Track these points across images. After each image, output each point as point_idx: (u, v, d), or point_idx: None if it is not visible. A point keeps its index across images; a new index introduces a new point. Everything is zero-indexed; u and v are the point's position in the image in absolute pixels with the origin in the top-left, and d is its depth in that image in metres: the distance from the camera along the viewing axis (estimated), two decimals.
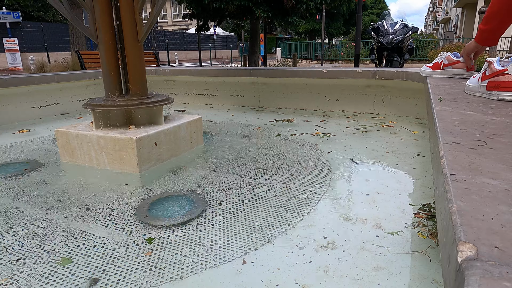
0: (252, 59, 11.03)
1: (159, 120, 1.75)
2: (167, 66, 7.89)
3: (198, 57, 16.33)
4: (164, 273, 0.88)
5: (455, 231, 0.38)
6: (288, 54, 20.39)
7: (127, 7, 1.62)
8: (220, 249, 0.98)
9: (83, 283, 0.85)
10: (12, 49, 14.45)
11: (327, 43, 20.03)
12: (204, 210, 1.21)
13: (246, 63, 11.91)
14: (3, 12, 14.71)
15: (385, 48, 6.00)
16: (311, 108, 3.07)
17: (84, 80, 3.29)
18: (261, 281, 0.84)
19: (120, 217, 1.17)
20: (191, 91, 3.59)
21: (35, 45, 15.99)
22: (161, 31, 26.04)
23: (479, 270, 0.32)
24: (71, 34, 9.97)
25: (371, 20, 24.68)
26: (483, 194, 0.46)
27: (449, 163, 0.56)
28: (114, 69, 1.70)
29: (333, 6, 10.45)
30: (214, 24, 11.03)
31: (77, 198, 1.33)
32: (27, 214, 1.20)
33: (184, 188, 1.41)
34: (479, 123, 0.80)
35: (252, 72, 3.21)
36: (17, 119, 2.77)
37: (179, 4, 10.15)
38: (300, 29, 26.55)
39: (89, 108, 1.64)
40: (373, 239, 1.00)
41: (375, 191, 1.33)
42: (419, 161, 1.67)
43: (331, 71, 2.87)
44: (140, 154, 1.52)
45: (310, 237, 1.02)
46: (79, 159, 1.68)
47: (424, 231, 1.03)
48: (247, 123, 2.61)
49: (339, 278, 0.84)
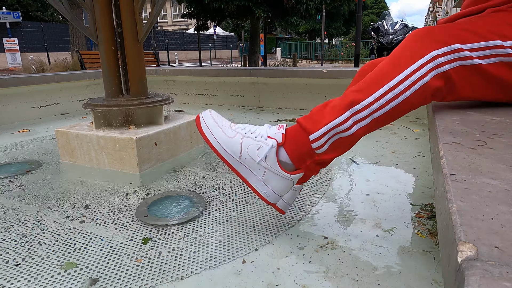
0: (252, 59, 11.04)
1: (159, 120, 1.75)
2: (167, 66, 7.89)
3: (198, 57, 16.33)
4: (164, 273, 0.88)
5: (455, 231, 0.38)
6: (288, 54, 20.41)
7: (127, 7, 1.61)
8: (220, 249, 0.98)
9: (83, 283, 0.85)
10: (12, 49, 14.46)
11: (327, 43, 20.04)
12: (204, 210, 1.21)
13: (246, 63, 11.91)
14: (3, 12, 14.71)
15: (385, 48, 6.01)
16: (311, 108, 3.06)
17: (84, 80, 3.29)
18: (261, 281, 0.84)
19: (120, 217, 1.17)
20: (191, 91, 3.59)
21: (35, 45, 16.00)
22: (161, 31, 26.06)
23: (479, 270, 0.32)
24: (71, 34, 9.98)
25: (371, 20, 24.68)
26: (483, 194, 0.46)
27: (449, 163, 0.56)
28: (114, 69, 1.70)
29: (333, 6, 10.46)
30: (214, 24, 11.03)
31: (77, 198, 1.33)
32: (27, 213, 1.20)
33: (184, 188, 1.41)
34: (479, 123, 0.80)
35: (252, 72, 3.21)
36: (17, 119, 2.77)
37: (179, 4, 10.16)
38: (300, 29, 26.56)
39: (89, 108, 1.64)
40: (373, 239, 1.00)
41: (375, 191, 1.33)
42: (419, 161, 1.67)
43: (331, 71, 2.87)
44: (140, 154, 1.52)
45: (310, 237, 1.02)
46: (79, 159, 1.68)
47: (424, 231, 1.03)
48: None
49: (339, 278, 0.84)
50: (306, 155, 0.86)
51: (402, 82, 0.78)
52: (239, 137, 0.87)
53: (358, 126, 0.82)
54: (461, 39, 0.79)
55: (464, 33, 0.80)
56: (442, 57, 0.78)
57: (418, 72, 0.78)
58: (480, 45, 0.79)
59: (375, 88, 0.79)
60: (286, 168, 0.87)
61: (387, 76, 0.79)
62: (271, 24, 11.80)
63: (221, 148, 0.87)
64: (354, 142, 0.87)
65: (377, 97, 0.79)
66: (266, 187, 0.88)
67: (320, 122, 0.83)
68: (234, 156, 0.87)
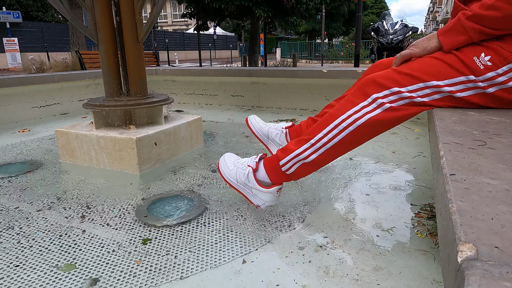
0: (252, 59, 11.04)
1: (159, 120, 1.75)
2: (167, 66, 7.89)
3: (198, 57, 16.33)
4: (164, 273, 0.88)
5: (455, 231, 0.38)
6: (288, 54, 20.40)
7: (127, 7, 1.62)
8: (220, 249, 0.98)
9: (83, 283, 0.85)
10: (12, 49, 14.45)
11: (327, 43, 20.04)
12: (204, 210, 1.21)
13: (246, 63, 11.91)
14: (3, 12, 14.71)
15: (385, 48, 6.01)
16: (311, 108, 3.07)
17: (84, 80, 3.29)
18: (261, 281, 0.84)
19: (120, 217, 1.17)
20: (191, 91, 3.59)
21: (35, 45, 15.99)
22: (161, 31, 26.05)
23: (479, 270, 0.32)
24: (71, 34, 9.98)
25: (371, 20, 24.68)
26: (483, 194, 0.46)
27: (449, 163, 0.56)
28: (114, 69, 1.70)
29: (333, 6, 10.46)
30: (214, 24, 11.03)
31: (77, 198, 1.33)
32: (27, 213, 1.20)
33: (184, 188, 1.41)
34: (479, 123, 0.80)
35: (252, 72, 3.21)
36: (17, 119, 2.77)
37: (179, 4, 10.16)
38: (300, 29, 26.55)
39: (89, 108, 1.64)
40: (373, 239, 1.00)
41: (375, 191, 1.34)
42: (419, 161, 1.67)
43: (331, 71, 2.87)
44: (140, 154, 1.52)
45: (310, 237, 1.03)
46: (79, 159, 1.68)
47: (424, 231, 1.03)
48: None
49: (339, 278, 0.84)
50: (279, 174, 1.11)
51: (345, 120, 0.97)
52: (235, 169, 1.17)
53: (315, 155, 1.03)
54: (400, 83, 0.93)
55: (402, 76, 0.94)
56: (383, 98, 0.94)
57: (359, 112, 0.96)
58: (418, 86, 0.93)
59: (325, 125, 1.01)
60: (265, 185, 1.13)
61: (333, 116, 1.00)
62: (271, 24, 11.81)
63: (227, 177, 1.18)
64: (318, 166, 1.09)
65: (325, 133, 1.00)
66: (256, 199, 1.15)
67: (287, 152, 1.08)
68: (234, 181, 1.17)
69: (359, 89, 0.98)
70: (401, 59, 1.02)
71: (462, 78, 0.90)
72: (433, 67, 0.93)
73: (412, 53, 1.00)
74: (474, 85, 0.91)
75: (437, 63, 0.93)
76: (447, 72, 0.91)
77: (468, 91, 0.92)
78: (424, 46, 0.99)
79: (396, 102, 0.94)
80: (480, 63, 0.89)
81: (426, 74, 0.92)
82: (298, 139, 1.08)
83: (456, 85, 0.91)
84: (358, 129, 0.97)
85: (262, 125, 1.47)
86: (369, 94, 0.95)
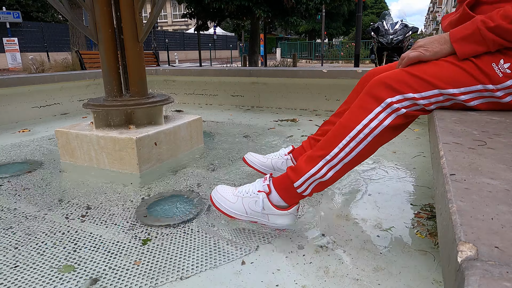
0: (252, 59, 11.04)
1: (159, 120, 1.75)
2: (167, 66, 7.89)
3: (198, 57, 16.33)
4: (164, 273, 0.88)
5: (455, 231, 0.38)
6: (288, 54, 20.40)
7: (127, 7, 1.61)
8: (220, 249, 0.98)
9: (83, 283, 0.85)
10: (12, 49, 14.46)
11: (327, 43, 20.04)
12: (204, 210, 1.21)
13: (246, 63, 11.91)
14: (3, 12, 14.71)
15: (385, 48, 6.00)
16: (311, 108, 3.07)
17: (84, 80, 3.29)
18: (261, 282, 0.84)
19: (120, 217, 1.17)
20: (191, 91, 3.59)
21: (35, 45, 15.99)
22: (161, 31, 26.06)
23: (479, 270, 0.32)
24: (71, 34, 9.98)
25: (371, 20, 24.68)
26: (483, 194, 0.46)
27: (449, 163, 0.56)
28: (114, 69, 1.70)
29: (333, 6, 10.46)
30: (214, 24, 11.03)
31: (77, 198, 1.33)
32: (27, 214, 1.20)
33: (184, 188, 1.41)
34: (479, 123, 0.80)
35: (252, 72, 3.21)
36: (17, 119, 2.77)
37: (179, 4, 10.16)
38: (300, 29, 26.56)
39: (89, 108, 1.64)
40: (373, 239, 1.00)
41: (375, 191, 1.33)
42: (419, 161, 1.67)
43: (331, 71, 2.87)
44: (140, 154, 1.52)
45: (310, 237, 1.03)
46: (79, 159, 1.68)
47: (423, 231, 1.03)
48: (247, 123, 2.61)
49: (339, 278, 0.84)
50: (295, 196, 1.04)
51: (362, 130, 0.91)
52: (240, 200, 1.08)
53: (332, 172, 0.97)
54: (414, 88, 0.88)
55: (415, 80, 0.89)
56: (397, 103, 0.89)
57: (376, 119, 0.90)
58: (433, 93, 0.89)
59: (340, 139, 0.93)
60: (282, 207, 1.05)
61: (348, 127, 0.93)
62: (271, 24, 11.80)
63: (231, 212, 1.08)
64: (334, 181, 1.01)
65: (341, 147, 0.93)
66: (275, 225, 1.07)
67: (301, 172, 0.99)
68: (243, 214, 1.08)
69: (369, 94, 0.91)
70: (408, 62, 0.94)
71: (479, 87, 0.86)
72: (449, 73, 0.87)
73: (421, 56, 0.92)
74: (490, 94, 0.86)
75: (454, 69, 0.87)
76: (465, 79, 0.86)
77: (482, 99, 0.88)
78: (435, 51, 0.91)
79: (409, 107, 0.89)
80: (499, 70, 0.84)
81: (443, 81, 0.87)
82: (308, 156, 1.00)
83: (471, 93, 0.87)
84: (376, 138, 0.91)
85: (262, 159, 1.43)
86: (382, 99, 0.89)
